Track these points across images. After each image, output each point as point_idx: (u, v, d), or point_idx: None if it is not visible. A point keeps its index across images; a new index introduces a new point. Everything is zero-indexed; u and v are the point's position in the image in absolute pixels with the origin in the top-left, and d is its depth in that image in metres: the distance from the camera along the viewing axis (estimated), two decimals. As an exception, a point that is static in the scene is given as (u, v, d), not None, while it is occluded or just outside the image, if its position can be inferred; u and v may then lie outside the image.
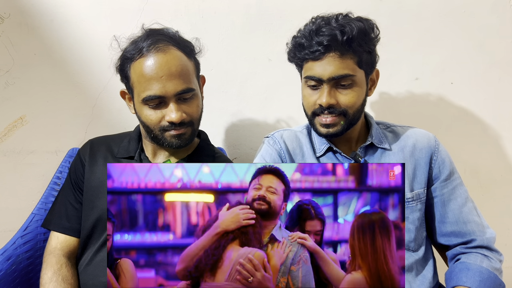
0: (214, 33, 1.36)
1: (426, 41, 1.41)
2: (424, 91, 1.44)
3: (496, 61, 1.43)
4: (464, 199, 1.03)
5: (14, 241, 1.11)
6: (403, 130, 1.10)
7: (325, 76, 0.94)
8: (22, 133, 1.35)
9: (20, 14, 1.28)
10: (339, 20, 0.95)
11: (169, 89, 0.93)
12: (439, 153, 1.05)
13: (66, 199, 1.09)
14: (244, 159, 1.45)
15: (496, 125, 1.47)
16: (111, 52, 1.01)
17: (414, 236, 1.02)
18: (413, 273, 1.01)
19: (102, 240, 1.02)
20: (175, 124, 0.95)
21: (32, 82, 1.33)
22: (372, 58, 0.99)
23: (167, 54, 0.94)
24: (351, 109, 0.98)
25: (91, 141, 1.13)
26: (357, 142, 1.08)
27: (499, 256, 0.99)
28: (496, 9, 1.40)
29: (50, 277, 0.97)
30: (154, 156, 1.07)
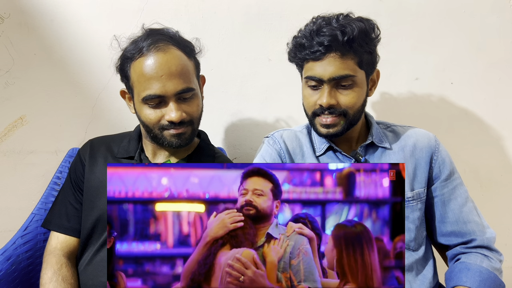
0: (214, 33, 1.36)
1: (426, 41, 1.41)
2: (424, 91, 1.44)
3: (496, 61, 1.43)
4: (464, 199, 1.03)
5: (14, 241, 1.11)
6: (404, 130, 1.10)
7: (325, 76, 0.94)
8: (22, 133, 1.35)
9: (20, 14, 1.28)
10: (340, 20, 0.95)
11: (169, 89, 0.93)
12: (439, 153, 1.05)
13: (66, 199, 1.08)
14: (244, 159, 1.45)
15: (496, 125, 1.47)
16: (111, 52, 1.01)
17: (414, 236, 1.02)
18: (413, 272, 1.01)
19: (102, 240, 1.02)
20: (175, 124, 0.96)
21: (32, 82, 1.33)
22: (372, 58, 0.99)
23: (167, 54, 0.94)
24: (352, 110, 0.98)
25: (91, 141, 1.13)
26: (357, 142, 1.08)
27: (499, 256, 0.99)
28: (496, 9, 1.40)
29: (50, 277, 0.97)
30: (154, 156, 1.07)
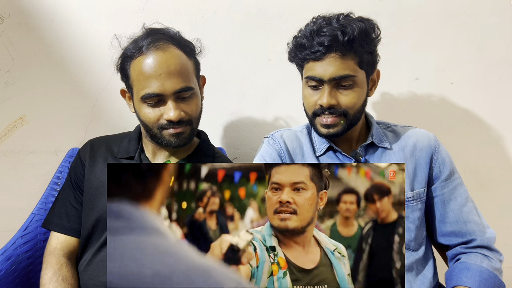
0: (214, 33, 1.36)
1: (426, 41, 1.41)
2: (425, 91, 1.44)
3: (496, 61, 1.43)
4: (464, 199, 1.03)
5: (14, 241, 1.11)
6: (404, 130, 1.10)
7: (326, 76, 0.94)
8: (22, 133, 1.35)
9: (20, 14, 1.28)
10: (340, 20, 0.95)
11: (168, 87, 0.93)
12: (440, 153, 1.05)
13: (66, 199, 1.08)
14: (244, 159, 1.45)
15: (496, 125, 1.47)
16: (111, 51, 1.01)
17: (415, 236, 1.02)
18: (414, 272, 1.01)
19: (102, 240, 1.01)
20: (173, 123, 0.95)
21: (32, 82, 1.33)
22: (373, 58, 0.99)
23: (166, 53, 0.94)
24: (352, 110, 0.98)
25: (91, 141, 1.13)
26: (357, 142, 1.08)
27: (499, 256, 0.99)
28: (496, 9, 1.40)
29: (50, 277, 0.97)
30: (154, 156, 1.07)
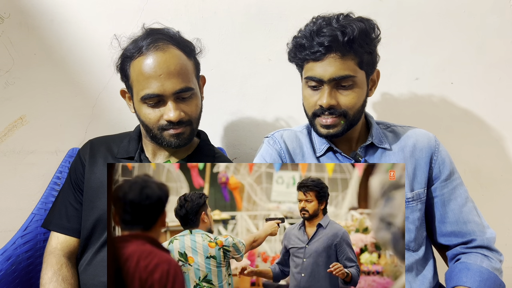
0: (214, 33, 1.36)
1: (426, 41, 1.41)
2: (425, 91, 1.44)
3: (496, 61, 1.43)
4: (464, 199, 1.03)
5: (14, 241, 1.11)
6: (404, 130, 1.10)
7: (325, 77, 0.94)
8: (22, 133, 1.35)
9: (20, 14, 1.28)
10: (340, 20, 0.94)
11: (168, 88, 0.93)
12: (439, 153, 1.05)
13: (66, 199, 1.08)
14: (244, 159, 1.45)
15: (496, 125, 1.47)
16: (111, 51, 1.01)
17: (414, 236, 1.02)
18: (413, 273, 1.01)
19: (102, 240, 1.02)
20: (173, 123, 0.95)
21: (32, 82, 1.33)
22: (373, 58, 0.99)
23: (166, 53, 0.94)
24: (352, 110, 0.98)
25: (91, 141, 1.13)
26: (357, 142, 1.08)
27: (499, 256, 0.99)
28: (496, 9, 1.39)
29: (50, 277, 0.98)
30: (154, 156, 1.07)
